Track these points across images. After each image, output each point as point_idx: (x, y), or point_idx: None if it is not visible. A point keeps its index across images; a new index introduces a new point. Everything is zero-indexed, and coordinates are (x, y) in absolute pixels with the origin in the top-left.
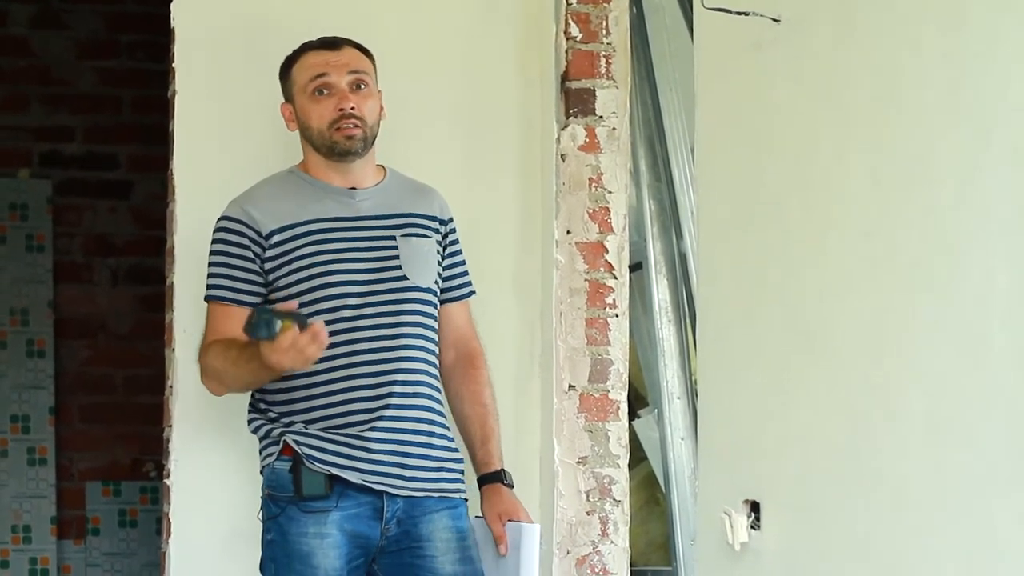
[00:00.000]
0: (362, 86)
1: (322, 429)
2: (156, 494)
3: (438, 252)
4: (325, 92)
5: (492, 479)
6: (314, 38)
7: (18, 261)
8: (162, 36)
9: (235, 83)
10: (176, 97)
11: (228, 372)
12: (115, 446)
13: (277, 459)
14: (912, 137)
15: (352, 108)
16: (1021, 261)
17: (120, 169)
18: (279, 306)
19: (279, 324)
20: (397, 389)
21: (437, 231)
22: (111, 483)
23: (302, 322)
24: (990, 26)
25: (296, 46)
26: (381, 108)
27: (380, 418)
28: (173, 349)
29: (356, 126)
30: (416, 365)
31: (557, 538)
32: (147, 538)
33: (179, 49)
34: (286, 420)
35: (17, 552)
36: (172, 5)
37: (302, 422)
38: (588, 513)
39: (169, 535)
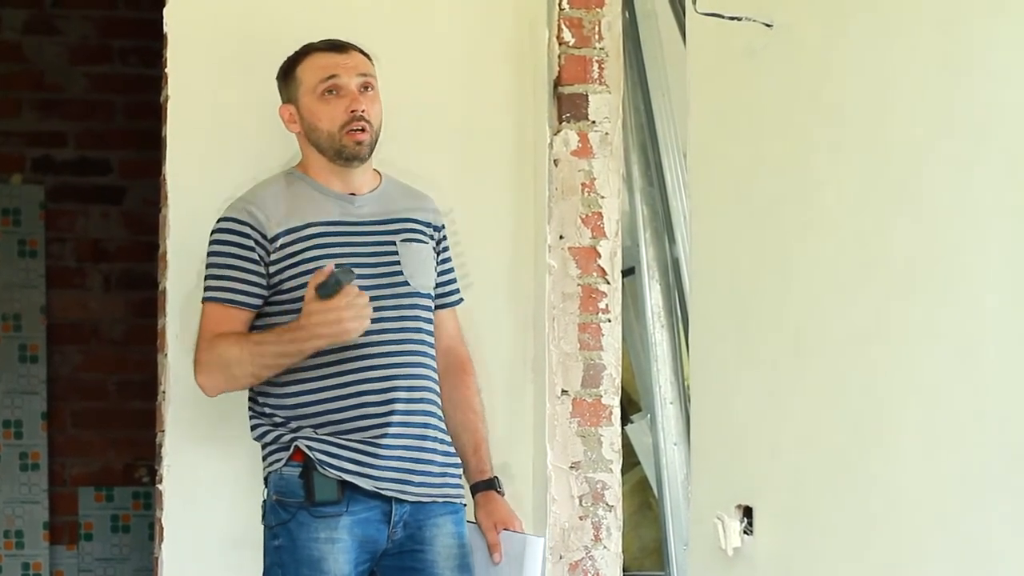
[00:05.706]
0: (369, 89)
1: (331, 434)
2: (149, 499)
3: (434, 258)
4: (335, 93)
5: (487, 486)
6: (308, 42)
7: (10, 266)
8: (155, 41)
9: (228, 88)
10: (169, 102)
11: (246, 358)
12: (108, 451)
13: (286, 464)
14: (905, 142)
15: (363, 111)
16: (1015, 266)
17: (113, 174)
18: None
19: (348, 280)
20: (403, 395)
21: (432, 237)
22: (104, 488)
23: None
24: (984, 30)
25: (289, 51)
26: None
27: (388, 424)
28: (166, 354)
29: (364, 130)
30: (420, 370)
31: (550, 543)
32: (140, 543)
33: (172, 54)
34: (293, 425)
35: (10, 557)
36: (165, 10)
37: (311, 427)
38: (581, 518)
39: (162, 540)
